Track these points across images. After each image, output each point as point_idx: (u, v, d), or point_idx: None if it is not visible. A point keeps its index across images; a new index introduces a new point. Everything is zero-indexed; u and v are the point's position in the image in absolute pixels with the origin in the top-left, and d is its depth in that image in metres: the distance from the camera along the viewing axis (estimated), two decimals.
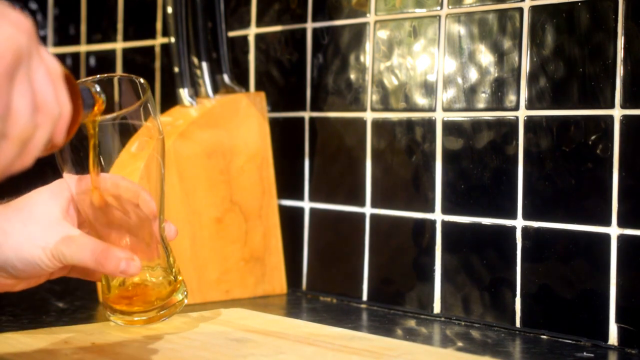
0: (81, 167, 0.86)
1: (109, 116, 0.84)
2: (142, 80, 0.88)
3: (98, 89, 0.81)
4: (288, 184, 1.26)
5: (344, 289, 1.20)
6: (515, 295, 1.03)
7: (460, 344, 0.98)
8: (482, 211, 1.06)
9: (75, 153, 0.86)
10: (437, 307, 1.10)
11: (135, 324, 0.92)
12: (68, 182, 0.87)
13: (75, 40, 1.58)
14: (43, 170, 0.92)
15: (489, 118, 1.05)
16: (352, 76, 1.19)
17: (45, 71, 0.66)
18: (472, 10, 1.07)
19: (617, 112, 0.95)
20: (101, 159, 0.85)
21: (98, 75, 0.86)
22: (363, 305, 1.17)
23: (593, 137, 0.97)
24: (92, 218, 0.88)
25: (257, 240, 1.22)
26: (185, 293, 0.93)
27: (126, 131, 0.86)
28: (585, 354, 0.93)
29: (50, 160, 0.84)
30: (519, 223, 1.03)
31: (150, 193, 0.89)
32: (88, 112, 0.81)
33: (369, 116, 1.17)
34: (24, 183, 0.90)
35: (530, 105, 1.02)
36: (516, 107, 1.03)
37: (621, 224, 0.95)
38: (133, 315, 0.91)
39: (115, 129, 0.85)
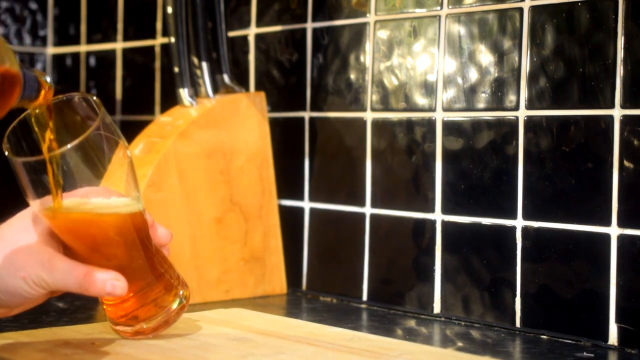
0: (43, 190, 0.82)
1: (71, 144, 0.80)
2: (95, 98, 0.85)
3: (48, 79, 0.79)
4: (288, 184, 1.26)
5: (344, 289, 1.20)
6: (515, 295, 1.03)
7: (460, 344, 0.98)
8: (482, 211, 1.06)
9: (36, 175, 0.82)
10: (437, 307, 1.10)
11: (143, 332, 0.90)
12: (33, 208, 0.84)
13: (75, 40, 1.58)
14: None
15: (489, 118, 1.05)
16: (352, 76, 1.19)
17: None
18: (472, 10, 1.07)
19: (617, 112, 0.95)
20: (64, 183, 0.81)
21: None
22: (363, 305, 1.17)
23: (593, 137, 0.97)
24: (68, 243, 0.85)
25: (257, 240, 1.22)
26: (182, 292, 0.90)
27: (91, 156, 0.82)
28: (585, 354, 0.93)
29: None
30: (519, 223, 1.03)
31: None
32: (32, 97, 0.78)
33: (369, 116, 1.17)
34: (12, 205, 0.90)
35: (530, 105, 1.02)
36: (516, 107, 1.03)
37: (621, 224, 0.95)
38: (138, 325, 0.89)
39: (79, 153, 0.82)
